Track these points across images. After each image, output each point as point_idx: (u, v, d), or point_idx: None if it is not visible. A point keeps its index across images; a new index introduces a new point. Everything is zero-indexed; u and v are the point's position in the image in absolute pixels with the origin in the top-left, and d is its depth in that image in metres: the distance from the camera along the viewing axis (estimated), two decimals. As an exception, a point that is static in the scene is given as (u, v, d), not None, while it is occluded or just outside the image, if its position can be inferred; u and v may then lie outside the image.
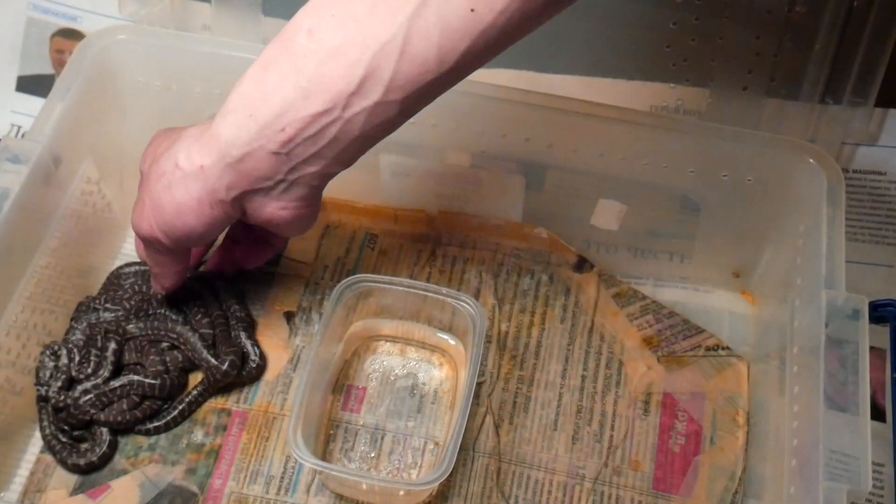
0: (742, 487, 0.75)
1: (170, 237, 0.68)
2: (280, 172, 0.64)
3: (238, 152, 0.64)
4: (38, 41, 0.96)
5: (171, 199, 0.67)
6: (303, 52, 0.60)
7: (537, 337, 0.82)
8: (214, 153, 0.65)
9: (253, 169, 0.64)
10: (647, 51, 0.87)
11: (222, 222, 0.68)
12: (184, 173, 0.66)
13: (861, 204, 0.90)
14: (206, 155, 0.65)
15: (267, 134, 0.62)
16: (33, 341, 0.77)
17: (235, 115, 0.63)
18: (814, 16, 0.82)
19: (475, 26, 0.58)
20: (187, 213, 0.67)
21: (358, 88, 0.60)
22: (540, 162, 0.83)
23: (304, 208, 0.67)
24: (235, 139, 0.63)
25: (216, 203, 0.66)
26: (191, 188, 0.66)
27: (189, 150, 0.66)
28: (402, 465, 0.76)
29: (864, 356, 0.66)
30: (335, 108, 0.61)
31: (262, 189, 0.65)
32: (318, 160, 0.63)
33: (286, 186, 0.65)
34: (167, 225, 0.68)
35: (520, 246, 0.87)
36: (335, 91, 0.60)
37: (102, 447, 0.74)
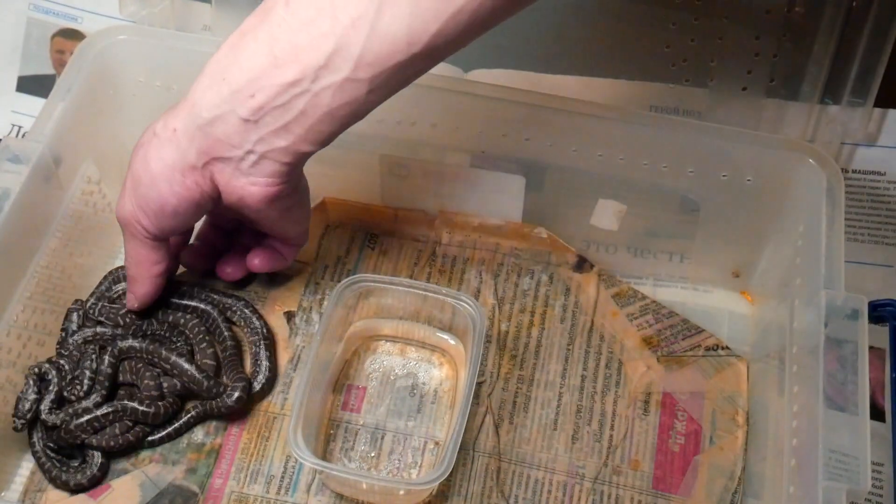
0: (741, 487, 0.75)
1: (149, 215, 0.69)
2: (248, 142, 0.65)
3: (209, 114, 0.64)
4: (39, 41, 0.96)
5: (146, 169, 0.67)
6: (279, 21, 0.62)
7: (537, 337, 0.82)
8: (186, 116, 0.65)
9: (222, 133, 0.65)
10: (647, 51, 0.87)
11: (195, 196, 0.68)
12: (159, 140, 0.67)
13: (860, 204, 0.90)
14: (178, 118, 0.66)
15: (238, 98, 0.63)
16: (33, 341, 0.77)
17: (209, 78, 0.65)
18: (813, 16, 0.82)
19: (446, 8, 0.58)
20: (161, 182, 0.67)
21: (327, 62, 0.60)
22: (540, 162, 0.83)
23: (274, 186, 0.67)
24: (207, 102, 0.64)
25: (187, 170, 0.66)
26: (164, 154, 0.66)
27: (166, 118, 0.67)
28: (402, 465, 0.76)
29: (863, 356, 0.66)
30: (304, 80, 0.61)
31: (231, 158, 0.66)
32: (286, 134, 0.64)
33: (255, 159, 0.65)
34: (146, 199, 0.68)
35: (520, 246, 0.87)
36: (305, 62, 0.61)
37: (93, 469, 0.73)
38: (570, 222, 0.86)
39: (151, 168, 0.67)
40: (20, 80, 0.97)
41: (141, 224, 0.70)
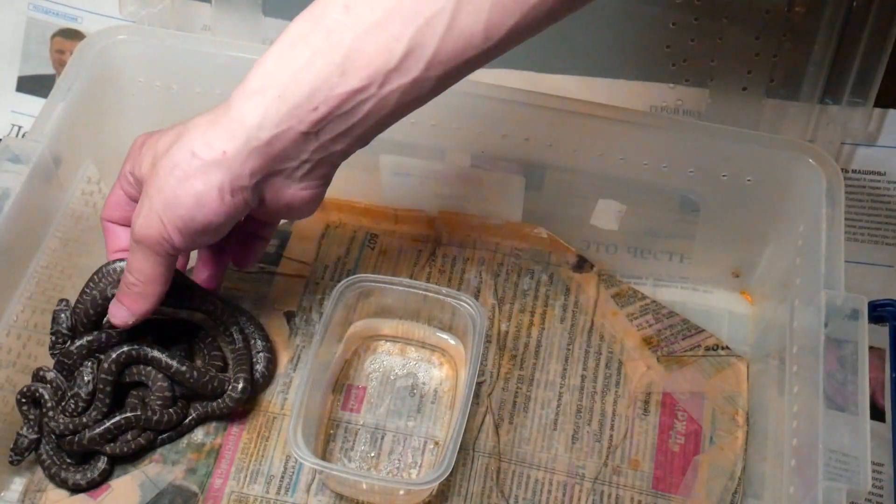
0: (741, 487, 0.75)
1: (184, 234, 0.65)
2: (306, 152, 0.62)
3: (266, 135, 0.61)
4: (39, 41, 0.96)
5: (188, 191, 0.63)
6: (338, 27, 0.58)
7: (537, 337, 0.82)
8: (239, 137, 0.62)
9: (280, 151, 0.62)
10: (647, 51, 0.87)
11: (239, 212, 0.65)
12: (203, 162, 0.63)
13: (860, 204, 0.90)
14: (228, 140, 0.62)
15: (297, 114, 0.60)
16: (33, 341, 0.77)
17: (261, 95, 0.61)
18: (813, 16, 0.82)
19: (526, 1, 0.57)
20: (208, 204, 0.64)
21: (398, 64, 0.58)
22: (540, 162, 0.83)
23: (322, 187, 0.66)
24: (263, 121, 0.61)
25: (237, 190, 0.63)
26: (211, 177, 0.63)
27: (207, 138, 0.63)
28: (402, 465, 0.76)
29: (863, 356, 0.66)
30: (372, 85, 0.59)
31: (286, 171, 0.64)
32: (345, 138, 0.62)
33: (310, 167, 0.64)
34: (184, 220, 0.64)
35: (520, 246, 0.87)
36: (373, 68, 0.58)
37: (94, 473, 0.73)
38: (570, 222, 0.86)
39: (197, 191, 0.63)
40: (20, 80, 0.97)
41: (172, 243, 0.66)
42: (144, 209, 0.66)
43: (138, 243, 0.67)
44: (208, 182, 0.63)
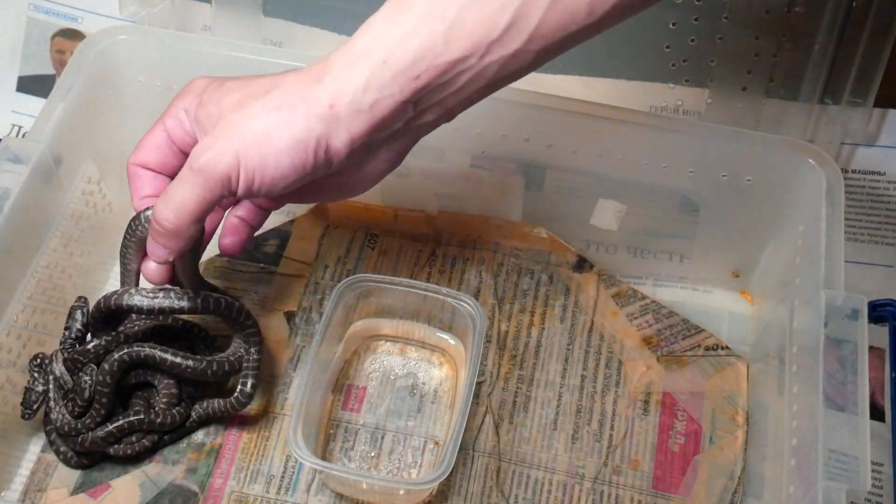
0: (741, 487, 0.75)
1: (253, 177, 0.62)
2: (401, 121, 0.62)
3: (370, 99, 0.61)
4: (39, 41, 0.96)
5: (283, 135, 0.61)
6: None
7: (537, 337, 0.82)
8: (346, 97, 0.61)
9: (380, 118, 0.61)
10: (647, 51, 0.87)
11: (318, 173, 0.63)
12: (309, 111, 0.61)
13: (860, 204, 0.90)
14: (336, 97, 0.61)
15: (400, 81, 0.60)
16: (33, 341, 0.77)
17: (366, 59, 0.60)
18: (813, 16, 0.82)
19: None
20: (296, 155, 0.61)
21: (501, 36, 0.58)
22: (540, 162, 0.83)
23: (400, 159, 0.65)
24: (367, 85, 0.60)
25: (330, 147, 0.62)
26: (314, 127, 0.61)
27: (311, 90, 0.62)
28: (402, 465, 0.76)
29: (863, 356, 0.66)
30: (473, 56, 0.59)
31: (378, 139, 0.63)
32: (438, 109, 0.62)
33: (398, 136, 0.63)
34: (262, 161, 0.62)
35: (520, 246, 0.87)
36: (476, 38, 0.59)
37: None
38: (570, 222, 0.86)
39: (295, 137, 0.61)
40: (20, 80, 0.97)
41: (232, 182, 0.62)
42: (220, 143, 0.62)
43: (197, 173, 0.63)
44: (309, 131, 0.61)
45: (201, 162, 0.62)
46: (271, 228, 0.87)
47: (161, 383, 0.74)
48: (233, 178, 0.62)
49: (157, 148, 0.69)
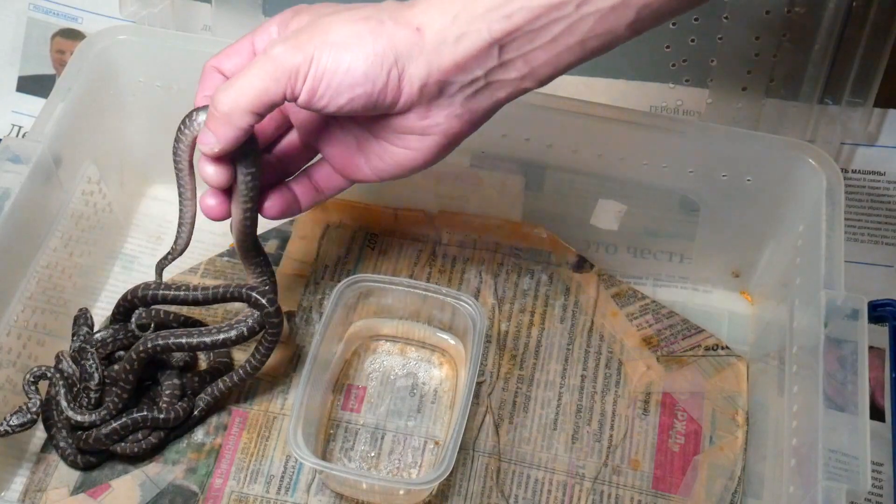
0: (741, 487, 0.75)
1: (318, 78, 0.59)
2: (483, 68, 0.59)
3: (457, 31, 0.58)
4: (39, 41, 0.96)
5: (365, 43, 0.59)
6: None
7: (537, 337, 0.82)
8: (434, 24, 0.59)
9: (462, 54, 0.59)
10: (647, 51, 0.87)
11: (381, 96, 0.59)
12: (395, 26, 0.59)
13: (860, 204, 0.90)
14: (424, 17, 0.59)
15: (491, 17, 0.58)
16: (33, 341, 0.77)
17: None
18: (813, 16, 0.82)
19: None
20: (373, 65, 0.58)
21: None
22: (540, 162, 0.83)
23: (469, 124, 0.62)
24: (457, 16, 0.58)
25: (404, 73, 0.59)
26: (396, 44, 0.59)
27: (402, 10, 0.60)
28: (402, 465, 0.76)
29: (863, 356, 0.66)
30: (570, 3, 0.57)
31: (455, 84, 0.60)
32: (523, 65, 0.59)
33: (478, 87, 0.60)
34: (336, 63, 0.59)
35: (520, 246, 0.87)
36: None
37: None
38: (570, 222, 0.86)
39: (375, 46, 0.58)
40: (20, 80, 0.97)
41: (301, 77, 0.59)
42: (300, 37, 0.60)
43: (267, 60, 0.60)
44: (391, 47, 0.59)
45: (276, 51, 0.60)
46: (272, 228, 0.87)
47: (165, 381, 0.74)
48: (301, 74, 0.59)
49: (237, 53, 0.66)
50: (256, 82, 0.60)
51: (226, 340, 0.72)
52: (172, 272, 0.85)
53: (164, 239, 0.88)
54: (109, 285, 0.85)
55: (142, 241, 0.88)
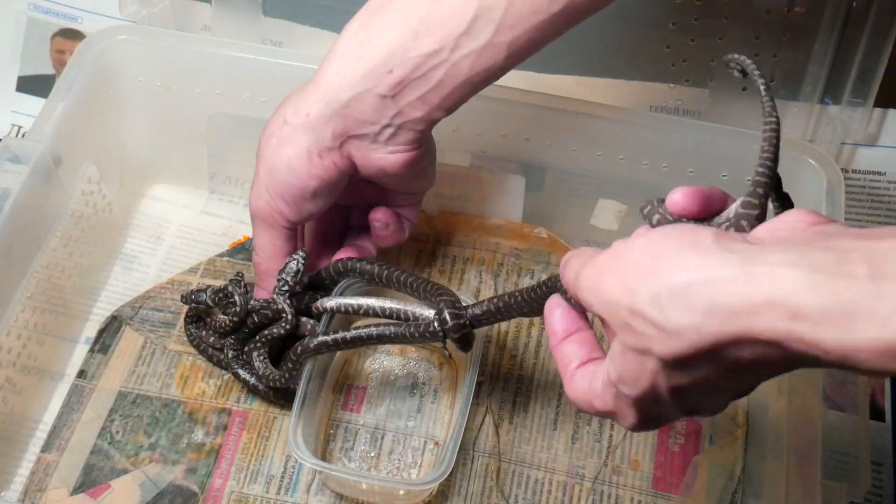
0: (741, 487, 0.75)
1: (288, 201, 0.69)
2: (385, 117, 0.65)
3: (345, 96, 0.64)
4: (39, 41, 0.96)
5: (281, 157, 0.67)
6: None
7: (537, 337, 0.82)
8: (321, 100, 0.65)
9: (359, 113, 0.65)
10: (647, 51, 0.87)
11: (332, 176, 0.68)
12: (291, 127, 0.66)
13: (860, 204, 0.90)
14: (312, 103, 0.66)
15: (374, 76, 0.63)
16: (33, 341, 0.77)
17: (341, 58, 0.64)
18: (813, 16, 0.82)
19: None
20: (299, 168, 0.67)
21: (468, 28, 0.61)
22: (540, 162, 0.83)
23: (412, 151, 0.68)
24: (342, 83, 0.64)
25: (325, 151, 0.66)
26: (299, 140, 0.66)
27: (296, 104, 0.67)
28: (402, 465, 0.76)
29: (863, 356, 0.66)
30: (444, 50, 0.62)
31: (368, 134, 0.66)
32: (422, 105, 0.64)
33: (392, 132, 0.66)
34: (283, 186, 0.68)
35: (520, 246, 0.87)
36: (445, 31, 0.61)
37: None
38: (570, 222, 0.86)
39: (287, 154, 0.67)
40: (20, 80, 0.97)
41: (281, 213, 0.70)
42: (254, 184, 0.70)
43: (253, 219, 0.71)
44: (297, 145, 0.67)
45: (250, 207, 0.70)
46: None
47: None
48: (275, 208, 0.69)
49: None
50: (261, 238, 0.72)
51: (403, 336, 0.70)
52: (172, 272, 0.85)
53: (163, 239, 0.88)
54: (109, 285, 0.85)
55: (142, 241, 0.88)
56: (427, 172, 0.73)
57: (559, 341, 0.57)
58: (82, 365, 0.79)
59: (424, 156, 0.70)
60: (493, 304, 0.65)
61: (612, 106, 0.79)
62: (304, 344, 0.71)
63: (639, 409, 0.50)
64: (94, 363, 0.79)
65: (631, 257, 0.48)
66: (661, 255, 0.46)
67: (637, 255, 0.47)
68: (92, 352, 0.80)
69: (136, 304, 0.82)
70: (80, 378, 0.79)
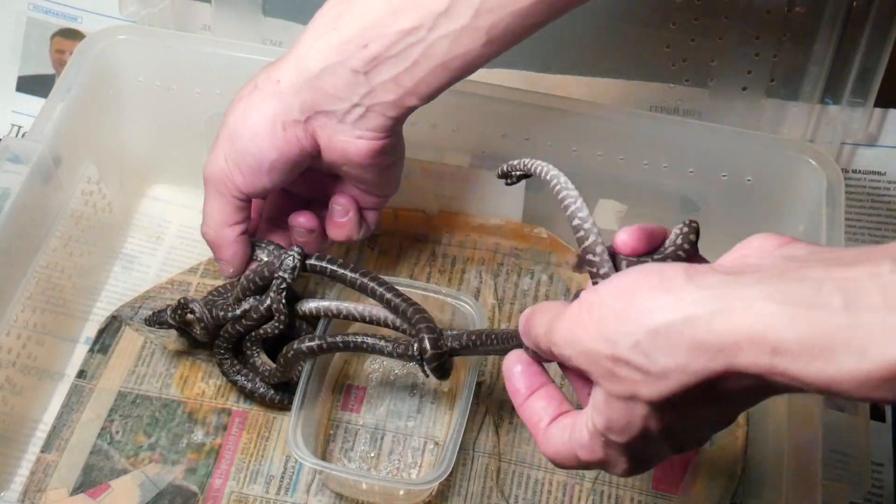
0: (741, 487, 0.75)
1: (242, 171, 0.67)
2: (356, 94, 0.64)
3: (317, 66, 0.63)
4: (39, 41, 0.96)
5: (245, 122, 0.66)
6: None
7: (537, 337, 0.82)
8: (292, 68, 0.64)
9: (330, 86, 0.64)
10: (647, 51, 0.87)
11: (294, 152, 0.66)
12: (261, 93, 0.65)
13: (860, 204, 0.90)
14: (284, 70, 0.65)
15: (349, 49, 0.62)
16: (33, 341, 0.77)
17: (318, 28, 0.64)
18: (813, 16, 0.82)
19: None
20: (261, 135, 0.66)
21: (448, 8, 0.60)
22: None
23: (379, 140, 0.66)
24: (316, 53, 0.63)
25: (289, 123, 0.65)
26: (265, 107, 0.65)
27: (268, 71, 0.66)
28: (401, 465, 0.76)
29: (863, 356, 0.66)
30: (422, 28, 0.61)
31: (336, 112, 0.65)
32: (395, 87, 0.63)
33: (361, 112, 0.65)
34: (240, 154, 0.66)
35: (520, 246, 0.87)
36: (425, 9, 0.60)
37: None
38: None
39: (251, 121, 0.66)
40: (20, 80, 0.97)
41: (233, 182, 0.68)
42: (213, 148, 0.68)
43: (206, 184, 0.69)
44: (263, 112, 0.65)
45: (204, 172, 0.68)
46: (271, 228, 0.87)
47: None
48: (229, 176, 0.67)
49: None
50: (211, 206, 0.70)
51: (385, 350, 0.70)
52: (172, 272, 0.85)
53: (163, 239, 0.88)
54: (109, 285, 0.85)
55: (142, 241, 0.88)
56: (391, 174, 0.72)
57: (524, 399, 0.56)
58: (82, 365, 0.79)
59: (391, 151, 0.68)
60: (471, 340, 0.66)
61: (611, 106, 0.79)
62: (295, 347, 0.71)
63: (630, 454, 0.50)
64: (94, 363, 0.79)
65: (604, 305, 0.47)
66: (634, 299, 0.45)
67: (610, 302, 0.47)
68: (92, 352, 0.80)
69: (136, 304, 0.82)
70: (80, 378, 0.79)
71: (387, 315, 0.70)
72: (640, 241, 0.53)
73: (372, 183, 0.72)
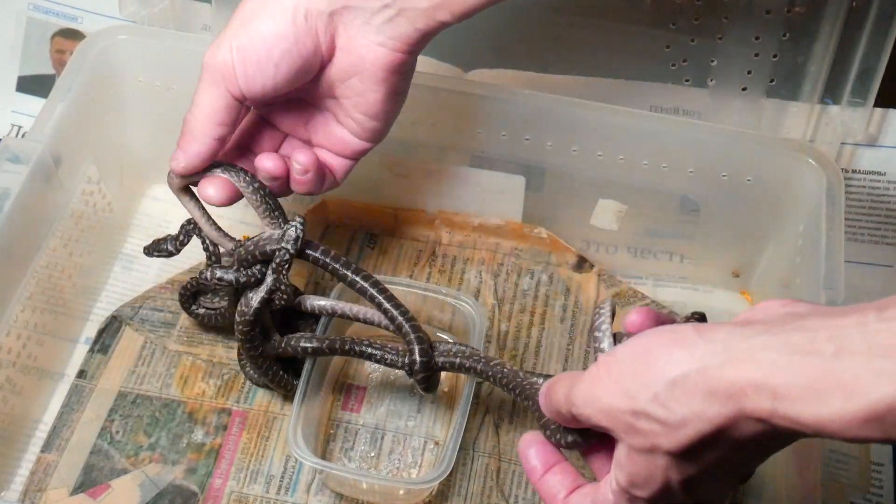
0: (741, 488, 0.75)
1: (246, 62, 0.63)
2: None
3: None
4: (39, 41, 0.96)
5: (264, 7, 0.62)
6: None
7: (537, 337, 0.82)
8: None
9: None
10: (647, 51, 0.87)
11: (307, 47, 0.63)
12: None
13: (860, 204, 0.90)
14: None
15: None
16: (33, 341, 0.77)
17: None
18: (813, 16, 0.82)
19: None
20: (280, 21, 0.62)
21: None
22: (540, 162, 0.83)
23: (399, 52, 0.63)
24: None
25: (313, 13, 0.62)
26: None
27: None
28: (402, 465, 0.76)
29: (863, 356, 0.66)
30: None
31: (365, 9, 0.62)
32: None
33: (390, 15, 0.62)
34: (250, 38, 0.62)
35: (520, 246, 0.87)
36: None
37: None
38: (570, 222, 0.86)
39: (272, 9, 0.62)
40: (20, 80, 0.97)
41: (233, 73, 0.64)
42: (219, 35, 0.65)
43: (203, 71, 0.65)
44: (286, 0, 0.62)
45: (205, 59, 0.64)
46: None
47: None
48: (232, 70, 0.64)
49: None
50: (203, 95, 0.65)
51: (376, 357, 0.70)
52: (172, 272, 0.85)
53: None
54: (109, 285, 0.85)
55: (142, 240, 0.88)
56: (389, 108, 0.67)
57: (541, 476, 0.58)
58: (82, 365, 0.79)
59: (405, 75, 0.65)
60: (459, 360, 0.67)
61: (612, 106, 0.79)
62: (292, 344, 0.71)
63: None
64: (94, 363, 0.79)
65: (622, 363, 0.49)
66: (650, 356, 0.48)
67: (628, 360, 0.49)
68: (92, 352, 0.80)
69: (136, 304, 0.82)
70: (80, 378, 0.79)
71: (381, 318, 0.70)
72: (648, 321, 0.56)
73: (367, 113, 0.67)
